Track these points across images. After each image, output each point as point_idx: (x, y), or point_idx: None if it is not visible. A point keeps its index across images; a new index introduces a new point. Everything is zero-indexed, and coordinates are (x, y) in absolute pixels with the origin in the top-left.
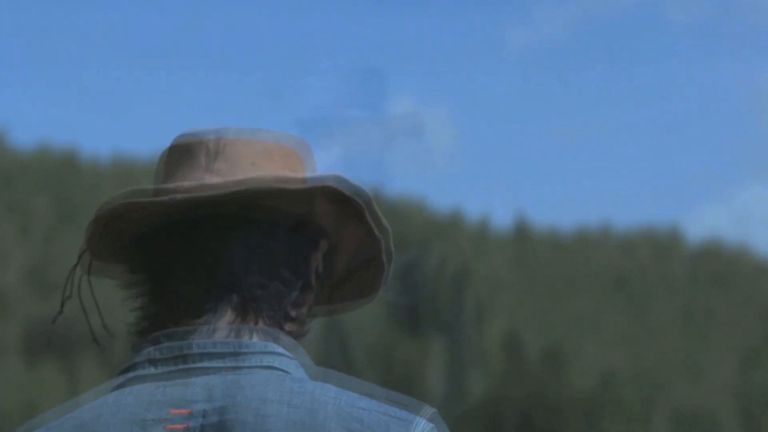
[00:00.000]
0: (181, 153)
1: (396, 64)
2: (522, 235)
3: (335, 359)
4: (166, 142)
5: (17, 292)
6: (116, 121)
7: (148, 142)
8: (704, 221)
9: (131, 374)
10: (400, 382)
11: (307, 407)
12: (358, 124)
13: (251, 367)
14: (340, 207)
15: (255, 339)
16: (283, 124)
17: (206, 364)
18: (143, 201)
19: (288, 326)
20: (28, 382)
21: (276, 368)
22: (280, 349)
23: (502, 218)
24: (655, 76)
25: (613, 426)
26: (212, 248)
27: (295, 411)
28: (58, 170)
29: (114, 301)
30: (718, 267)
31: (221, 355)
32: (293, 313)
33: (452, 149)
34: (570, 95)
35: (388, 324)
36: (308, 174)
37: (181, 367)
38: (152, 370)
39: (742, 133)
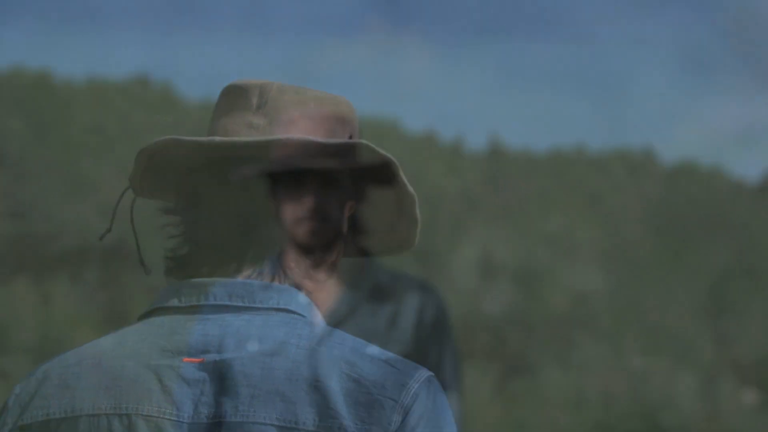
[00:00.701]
0: (230, 100)
1: None
2: (496, 153)
3: None
4: (142, 65)
5: None
6: (91, 42)
7: (122, 64)
8: (678, 142)
9: (156, 306)
10: None
11: (311, 359)
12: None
13: (268, 309)
14: (371, 167)
15: (276, 282)
16: None
17: (226, 302)
18: (185, 139)
19: (313, 275)
20: (0, 300)
21: (292, 311)
22: (298, 293)
23: (476, 138)
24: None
25: (586, 344)
26: (244, 195)
27: (299, 364)
28: (32, 91)
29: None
30: (692, 187)
31: (240, 296)
32: (315, 268)
33: (427, 69)
34: (544, 18)
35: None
36: (349, 132)
37: (203, 302)
38: (176, 302)
39: (715, 54)
